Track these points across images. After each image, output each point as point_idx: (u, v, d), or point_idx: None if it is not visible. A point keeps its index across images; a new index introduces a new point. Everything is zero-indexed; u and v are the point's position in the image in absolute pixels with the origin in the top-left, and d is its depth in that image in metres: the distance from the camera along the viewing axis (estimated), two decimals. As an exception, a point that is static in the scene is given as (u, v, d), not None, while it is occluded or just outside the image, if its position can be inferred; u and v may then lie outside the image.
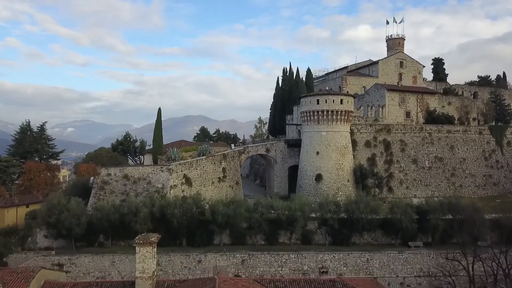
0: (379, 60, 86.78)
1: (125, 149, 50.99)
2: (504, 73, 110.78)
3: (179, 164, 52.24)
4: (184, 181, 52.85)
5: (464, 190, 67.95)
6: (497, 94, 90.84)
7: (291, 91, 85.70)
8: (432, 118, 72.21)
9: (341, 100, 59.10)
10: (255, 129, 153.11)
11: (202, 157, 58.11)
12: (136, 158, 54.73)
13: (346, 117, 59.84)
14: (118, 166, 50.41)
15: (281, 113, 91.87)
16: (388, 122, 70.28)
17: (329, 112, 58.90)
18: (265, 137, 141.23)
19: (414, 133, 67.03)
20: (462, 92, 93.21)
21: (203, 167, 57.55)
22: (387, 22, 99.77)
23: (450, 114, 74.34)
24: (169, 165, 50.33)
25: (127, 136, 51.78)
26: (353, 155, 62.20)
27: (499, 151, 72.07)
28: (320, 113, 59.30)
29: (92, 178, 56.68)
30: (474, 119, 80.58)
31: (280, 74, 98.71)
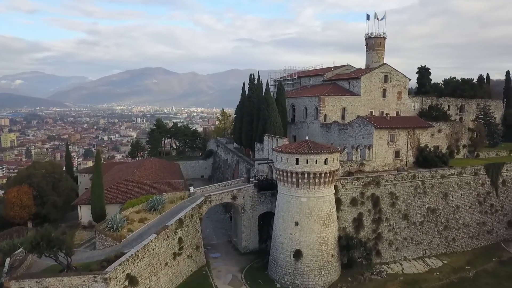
0: (362, 74, 74.90)
1: (42, 250, 37.74)
2: (488, 75, 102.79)
3: (120, 265, 39.70)
4: (127, 284, 40.67)
5: (457, 244, 60.31)
6: (486, 111, 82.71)
7: (260, 109, 72.90)
8: (423, 157, 62.69)
9: (325, 160, 47.60)
10: (218, 121, 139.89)
11: (151, 237, 45.57)
12: (61, 255, 41.23)
13: (331, 179, 48.74)
14: (34, 278, 37.24)
15: (248, 128, 79.49)
16: (376, 165, 60.25)
17: (311, 175, 47.47)
18: (228, 131, 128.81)
19: (406, 182, 57.37)
20: (449, 106, 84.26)
21: (153, 250, 45.30)
22: (368, 18, 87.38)
23: (442, 152, 64.94)
24: (105, 273, 37.76)
25: (46, 232, 38.06)
26: (337, 216, 51.84)
27: (494, 193, 64.38)
28: (300, 175, 47.75)
29: (7, 261, 43.21)
30: (464, 146, 72.00)
31: (248, 79, 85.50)
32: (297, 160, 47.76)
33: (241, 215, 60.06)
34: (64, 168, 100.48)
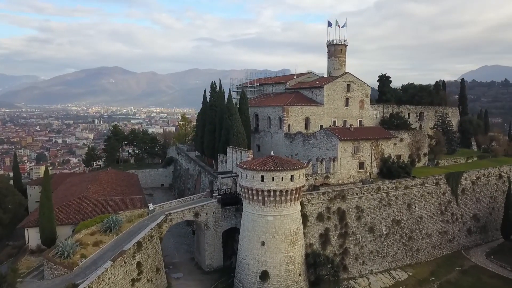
0: (324, 83, 74.21)
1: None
2: (443, 82, 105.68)
3: (71, 302, 36.19)
4: (80, 323, 37.13)
5: (421, 254, 60.78)
6: (444, 118, 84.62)
7: (223, 118, 70.50)
8: (387, 168, 62.82)
9: (291, 176, 46.03)
10: (178, 126, 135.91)
11: (107, 265, 42.14)
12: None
13: (297, 196, 47.26)
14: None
15: (210, 138, 76.79)
16: (341, 177, 59.60)
17: (277, 193, 45.75)
18: (189, 136, 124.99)
19: (371, 195, 56.95)
20: (409, 114, 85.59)
21: (109, 279, 41.84)
22: (329, 25, 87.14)
23: (404, 161, 65.56)
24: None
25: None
26: (303, 233, 50.43)
27: (454, 201, 65.51)
28: (266, 193, 45.90)
29: None
30: (424, 154, 72.98)
31: (209, 78, 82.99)
32: (262, 177, 45.87)
33: (204, 232, 57.47)
34: (11, 180, 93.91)
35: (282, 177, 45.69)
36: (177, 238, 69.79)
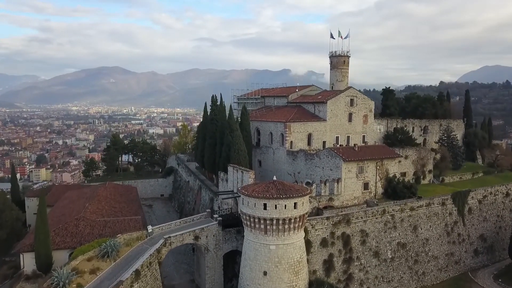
0: (327, 99, 72.55)
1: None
2: (447, 93, 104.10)
3: None
4: None
5: (427, 278, 59.32)
6: (449, 133, 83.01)
7: (224, 134, 69.02)
8: (392, 188, 61.33)
9: (295, 204, 44.52)
10: (178, 136, 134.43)
11: (105, 298, 40.71)
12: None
13: (301, 223, 45.76)
14: None
15: (211, 152, 75.31)
16: (345, 199, 58.06)
17: (280, 221, 44.24)
18: (189, 145, 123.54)
19: (376, 218, 55.44)
20: (413, 128, 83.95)
21: (106, 314, 40.41)
22: (331, 36, 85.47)
23: (409, 179, 64.29)
24: None
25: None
26: (307, 259, 48.92)
27: (460, 222, 64.00)
28: (268, 221, 44.39)
29: None
30: (429, 171, 71.48)
31: (209, 88, 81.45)
32: (265, 205, 44.33)
33: (204, 255, 55.94)
34: (9, 191, 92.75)
35: (285, 205, 44.17)
36: (177, 256, 68.44)
